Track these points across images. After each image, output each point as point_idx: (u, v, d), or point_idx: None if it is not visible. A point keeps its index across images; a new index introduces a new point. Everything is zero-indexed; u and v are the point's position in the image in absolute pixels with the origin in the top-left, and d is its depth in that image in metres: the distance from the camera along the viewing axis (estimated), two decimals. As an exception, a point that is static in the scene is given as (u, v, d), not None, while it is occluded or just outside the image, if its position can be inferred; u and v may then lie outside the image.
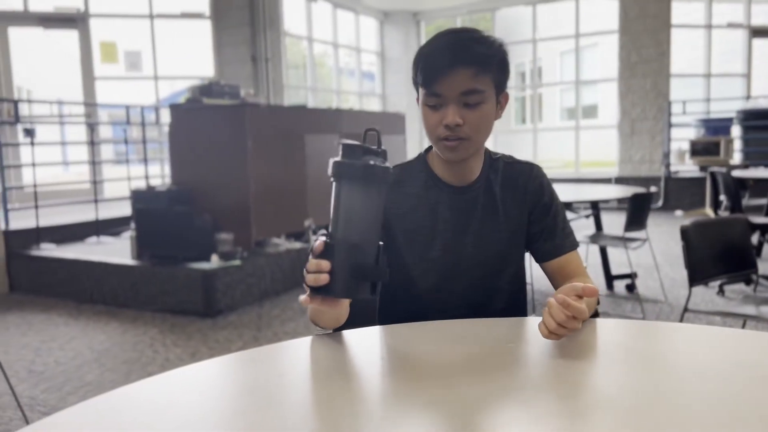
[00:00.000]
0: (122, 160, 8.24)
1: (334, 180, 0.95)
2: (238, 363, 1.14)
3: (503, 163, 1.42)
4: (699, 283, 2.60)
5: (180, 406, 0.94)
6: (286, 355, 1.19)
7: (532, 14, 10.88)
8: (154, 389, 1.01)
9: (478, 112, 1.26)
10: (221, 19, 8.61)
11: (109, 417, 0.91)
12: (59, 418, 0.90)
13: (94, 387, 3.11)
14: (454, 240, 1.37)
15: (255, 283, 4.70)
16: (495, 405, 0.91)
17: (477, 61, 1.24)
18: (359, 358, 1.16)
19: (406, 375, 1.03)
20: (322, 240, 0.97)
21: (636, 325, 1.40)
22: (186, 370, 1.08)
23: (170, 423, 0.88)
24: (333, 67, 11.03)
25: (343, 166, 0.93)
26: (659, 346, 1.17)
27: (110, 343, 3.83)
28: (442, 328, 1.26)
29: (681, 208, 8.83)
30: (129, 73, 8.66)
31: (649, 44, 9.34)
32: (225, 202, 4.87)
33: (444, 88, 1.24)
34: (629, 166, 9.64)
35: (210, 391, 1.02)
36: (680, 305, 4.17)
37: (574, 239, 1.40)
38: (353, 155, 0.94)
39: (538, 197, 1.40)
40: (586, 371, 1.04)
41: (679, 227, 2.58)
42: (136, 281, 4.63)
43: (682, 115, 9.39)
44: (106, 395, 0.96)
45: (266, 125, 5.01)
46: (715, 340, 1.17)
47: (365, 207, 0.95)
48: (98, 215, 6.09)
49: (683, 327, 1.30)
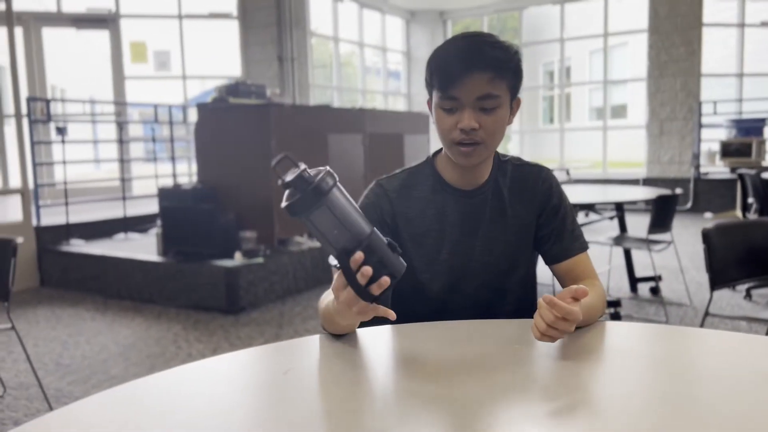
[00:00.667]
0: (151, 158, 8.39)
1: (303, 215, 0.97)
2: (253, 357, 1.17)
3: (512, 165, 1.42)
4: (721, 287, 2.56)
5: (196, 398, 0.96)
6: (297, 351, 1.21)
7: (560, 13, 10.78)
8: (171, 381, 1.04)
9: (494, 117, 1.26)
10: (248, 19, 8.71)
11: (127, 406, 0.94)
12: (81, 405, 0.94)
13: (119, 381, 3.18)
14: (463, 243, 1.38)
15: (277, 280, 4.75)
16: (500, 405, 0.92)
17: (494, 66, 1.24)
18: (369, 356, 1.17)
19: (413, 373, 1.04)
20: (359, 253, 0.97)
21: (648, 328, 1.39)
22: (205, 363, 1.11)
23: (184, 415, 0.90)
24: (359, 66, 11.07)
25: (299, 202, 0.95)
26: (672, 350, 1.16)
27: (135, 338, 3.91)
28: (450, 328, 1.27)
29: (711, 210, 8.67)
30: (158, 72, 8.79)
31: (679, 43, 9.19)
32: (249, 201, 4.92)
33: (460, 92, 1.24)
34: (657, 167, 9.49)
35: (223, 384, 1.04)
36: (704, 308, 4.10)
37: (584, 242, 1.39)
38: (298, 186, 0.95)
39: (547, 200, 1.40)
40: (593, 374, 1.04)
41: (701, 230, 2.54)
42: (161, 277, 4.72)
43: (713, 115, 9.21)
44: (125, 385, 1.00)
45: (290, 125, 5.06)
46: (733, 346, 1.16)
47: (346, 204, 0.98)
48: (126, 212, 6.21)
49: (698, 332, 1.29)
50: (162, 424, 0.88)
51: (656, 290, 4.47)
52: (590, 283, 1.33)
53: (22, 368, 3.38)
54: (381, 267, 0.98)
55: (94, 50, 10.79)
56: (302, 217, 0.96)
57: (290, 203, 0.95)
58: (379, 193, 1.39)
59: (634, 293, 4.58)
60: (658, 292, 4.44)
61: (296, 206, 0.95)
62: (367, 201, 1.40)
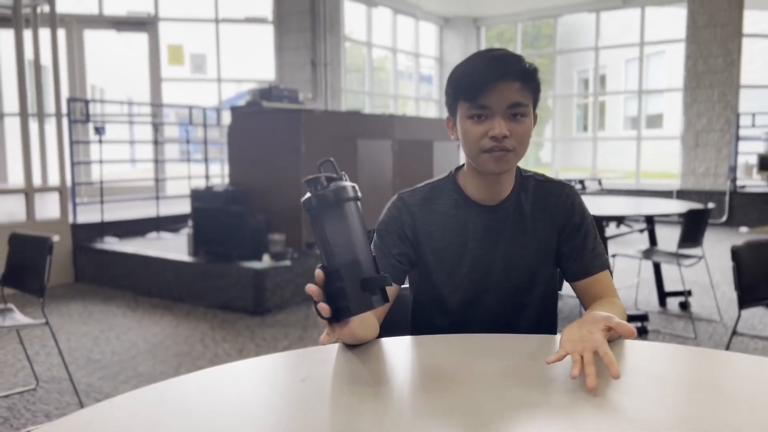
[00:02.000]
0: (185, 159, 8.55)
1: (313, 214, 0.99)
2: (277, 363, 1.19)
3: (534, 181, 1.43)
4: (751, 305, 2.52)
5: (218, 402, 0.99)
6: (317, 358, 1.23)
7: (596, 21, 10.68)
8: (196, 383, 1.07)
9: (523, 125, 1.29)
10: (283, 24, 8.82)
11: (153, 407, 0.98)
12: (110, 404, 0.98)
13: (146, 378, 3.25)
14: (484, 258, 1.39)
15: (303, 283, 4.79)
16: (514, 421, 0.93)
17: (522, 76, 1.27)
18: (386, 366, 1.19)
19: (429, 385, 1.06)
20: (318, 270, 1.00)
21: (667, 349, 1.38)
22: (229, 368, 1.14)
23: (207, 418, 0.93)
24: (391, 71, 11.11)
25: (317, 199, 0.98)
26: (693, 373, 1.15)
27: (163, 335, 3.99)
28: (468, 342, 1.28)
29: (747, 224, 8.49)
30: (194, 75, 8.96)
31: (717, 53, 9.02)
32: (278, 204, 4.99)
33: (491, 100, 1.26)
34: (692, 179, 9.33)
35: (246, 389, 1.07)
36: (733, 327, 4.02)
37: (605, 260, 1.39)
38: (319, 186, 0.98)
39: (569, 217, 1.40)
40: (610, 394, 1.04)
41: (730, 247, 2.51)
42: (191, 277, 4.80)
43: (751, 127, 9.03)
44: (153, 386, 1.04)
45: (320, 130, 5.11)
46: (760, 371, 1.15)
47: (351, 225, 0.99)
48: (159, 212, 6.33)
49: (723, 354, 1.27)
50: (185, 427, 0.91)
51: (686, 305, 4.40)
52: (610, 301, 1.33)
53: (55, 362, 3.48)
54: (341, 296, 0.99)
55: (133, 52, 11.05)
56: (321, 212, 0.99)
57: (317, 194, 0.99)
58: (401, 207, 1.41)
59: (663, 308, 4.51)
60: (687, 307, 4.37)
61: (306, 204, 1.00)
62: (389, 215, 1.42)
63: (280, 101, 5.35)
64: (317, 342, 3.86)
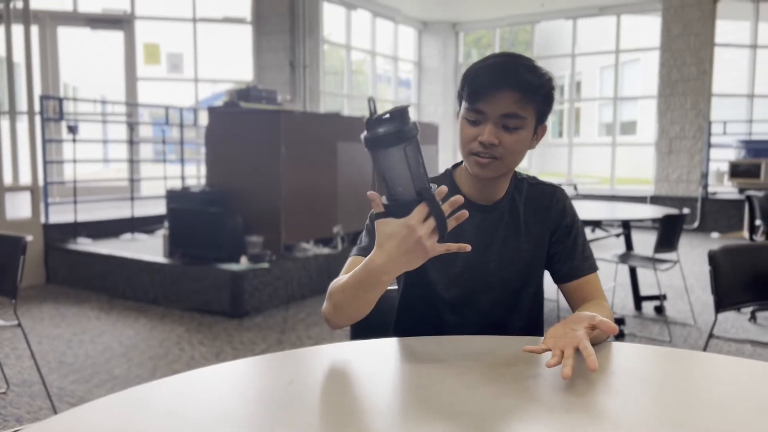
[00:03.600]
0: (159, 159, 8.44)
1: (399, 146, 0.99)
2: (259, 366, 1.17)
3: (527, 183, 1.44)
4: (726, 309, 2.55)
5: (198, 406, 0.97)
6: (301, 361, 1.22)
7: (573, 28, 10.81)
8: (174, 387, 1.04)
9: (515, 137, 1.28)
10: (262, 25, 8.77)
11: (130, 412, 0.95)
12: (85, 409, 0.95)
13: (121, 381, 3.19)
14: (477, 257, 1.38)
15: (282, 286, 4.76)
16: (503, 421, 0.92)
17: (523, 87, 1.25)
18: (375, 368, 1.18)
19: (418, 387, 1.05)
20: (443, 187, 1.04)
21: (653, 351, 1.39)
22: (208, 371, 1.12)
23: (186, 423, 0.91)
24: (370, 74, 11.11)
25: (398, 134, 0.97)
26: (676, 374, 1.16)
27: (138, 338, 3.92)
28: (458, 343, 1.27)
29: (718, 230, 8.65)
30: (170, 74, 8.85)
31: (690, 62, 9.19)
32: (256, 205, 4.94)
33: (486, 106, 1.26)
34: (666, 185, 9.48)
35: (228, 393, 1.05)
36: (708, 330, 4.09)
37: (594, 262, 1.40)
38: (397, 119, 0.98)
39: (561, 219, 1.41)
40: (596, 395, 1.05)
41: (707, 251, 2.54)
42: (167, 279, 4.73)
43: (723, 135, 9.21)
44: (129, 390, 1.01)
45: (300, 131, 5.08)
46: (736, 372, 1.16)
47: (418, 157, 1.01)
48: (134, 213, 6.23)
49: (703, 356, 1.29)
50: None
51: (661, 309, 4.46)
52: (598, 303, 1.33)
53: (26, 365, 3.39)
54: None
55: (108, 50, 10.88)
56: (394, 150, 0.98)
57: (393, 130, 0.97)
58: None
59: (639, 311, 4.57)
60: (662, 311, 4.43)
61: (391, 137, 0.97)
62: None
63: (258, 102, 5.30)
64: (296, 345, 3.84)
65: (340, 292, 1.19)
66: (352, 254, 1.38)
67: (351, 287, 1.16)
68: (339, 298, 1.20)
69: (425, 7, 11.00)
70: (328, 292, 1.26)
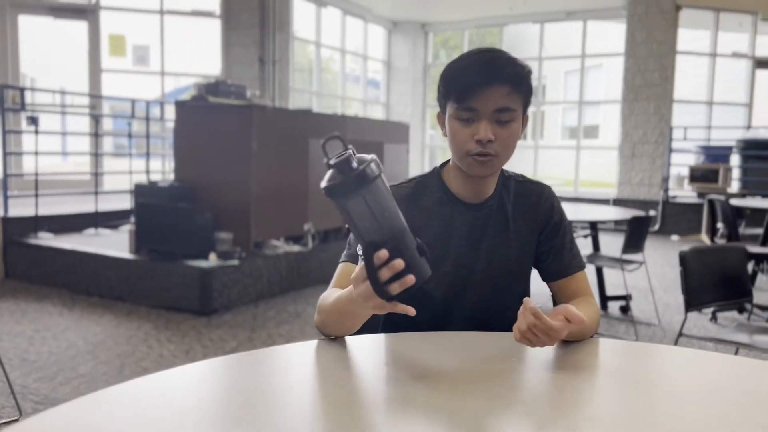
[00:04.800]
0: (121, 153, 8.27)
1: (340, 200, 0.96)
2: (237, 365, 1.14)
3: (515, 181, 1.44)
4: (695, 308, 2.62)
5: (174, 407, 0.95)
6: (287, 358, 1.20)
7: (540, 32, 10.96)
8: (148, 387, 1.01)
9: (509, 130, 1.29)
10: (231, 20, 8.65)
11: (101, 414, 0.91)
12: (53, 413, 0.90)
13: (88, 379, 3.11)
14: (467, 255, 1.39)
15: (251, 284, 4.70)
16: (484, 416, 0.93)
17: (511, 80, 1.27)
18: (364, 364, 1.17)
19: (406, 382, 1.05)
20: (383, 251, 0.96)
21: (640, 347, 1.42)
22: (186, 369, 1.09)
23: (162, 423, 0.88)
24: (339, 72, 11.08)
25: (357, 177, 0.93)
26: (659, 368, 1.19)
27: (104, 335, 3.83)
28: (446, 339, 1.28)
29: (678, 232, 8.88)
30: (136, 67, 8.66)
31: (654, 69, 9.41)
32: (226, 202, 4.88)
33: (479, 103, 1.26)
34: (628, 188, 9.69)
35: (208, 392, 1.03)
36: (673, 329, 4.20)
37: (581, 260, 1.42)
38: (343, 170, 0.94)
39: (549, 217, 1.42)
40: (580, 390, 1.06)
41: (678, 252, 2.61)
42: (133, 275, 4.63)
43: (683, 140, 9.46)
44: (99, 392, 0.96)
45: (272, 127, 5.03)
46: (709, 364, 1.19)
47: (385, 198, 0.97)
48: (97, 207, 6.09)
49: (683, 350, 1.32)
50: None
51: (626, 309, 4.56)
52: (586, 300, 1.35)
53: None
54: (405, 268, 0.97)
55: (70, 41, 10.60)
56: (338, 202, 0.96)
57: (329, 185, 0.95)
58: None
59: (605, 311, 4.66)
60: (627, 311, 4.53)
61: (335, 189, 0.94)
62: None
63: (227, 97, 5.23)
64: (267, 343, 3.80)
65: (327, 313, 1.23)
66: (341, 260, 1.37)
67: (335, 312, 1.19)
68: (326, 317, 1.23)
69: (395, 7, 11.02)
70: (318, 306, 1.28)
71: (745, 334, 2.80)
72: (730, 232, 4.73)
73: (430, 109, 12.39)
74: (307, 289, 5.19)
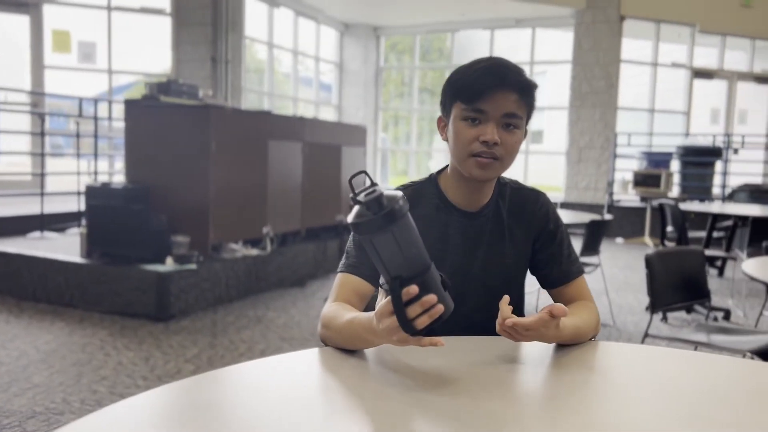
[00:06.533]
0: (59, 154, 7.95)
1: (369, 235, 0.95)
2: (239, 375, 1.12)
3: (510, 188, 1.45)
4: (660, 309, 2.71)
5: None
6: (289, 366, 1.18)
7: (490, 38, 11.15)
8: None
9: (514, 136, 1.31)
10: (182, 17, 8.45)
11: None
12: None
13: (44, 389, 2.97)
14: (463, 263, 1.39)
15: (209, 288, 4.60)
16: (483, 420, 0.94)
17: (520, 88, 1.29)
18: (364, 371, 1.16)
19: (410, 388, 1.04)
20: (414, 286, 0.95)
21: (645, 350, 1.45)
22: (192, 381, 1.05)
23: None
24: (290, 74, 10.97)
25: (368, 224, 0.94)
26: (668, 372, 1.22)
27: (57, 343, 3.67)
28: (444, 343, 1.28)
29: (622, 235, 9.17)
30: (81, 64, 8.34)
31: (600, 76, 9.72)
32: (183, 204, 4.75)
33: (489, 105, 1.27)
34: (575, 192, 9.96)
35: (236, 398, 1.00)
36: (628, 330, 4.34)
37: (580, 265, 1.44)
38: (371, 207, 0.94)
39: (544, 224, 1.44)
40: (581, 395, 1.08)
41: (624, 255, 2.70)
42: (84, 280, 4.46)
43: (627, 146, 9.79)
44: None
45: (230, 128, 4.94)
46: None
47: (413, 234, 0.98)
48: (43, 209, 5.83)
49: (672, 351, 1.36)
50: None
51: (582, 310, 4.67)
52: (585, 304, 1.37)
53: (-70, 374, 3.09)
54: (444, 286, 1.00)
55: (11, 35, 10.13)
56: (365, 237, 0.96)
57: (358, 222, 0.94)
58: None
59: (561, 312, 4.76)
60: (583, 312, 4.64)
61: (363, 227, 0.94)
62: None
63: (179, 97, 5.10)
64: (229, 349, 3.72)
65: (337, 332, 1.21)
66: (339, 270, 1.36)
67: (347, 335, 1.18)
68: (335, 336, 1.22)
69: (347, 9, 11.00)
70: (323, 320, 1.26)
71: (703, 333, 2.91)
72: (679, 236, 4.92)
73: (383, 112, 12.43)
74: (266, 293, 5.12)
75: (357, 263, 1.33)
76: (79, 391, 2.97)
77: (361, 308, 1.33)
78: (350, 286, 1.32)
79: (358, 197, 0.95)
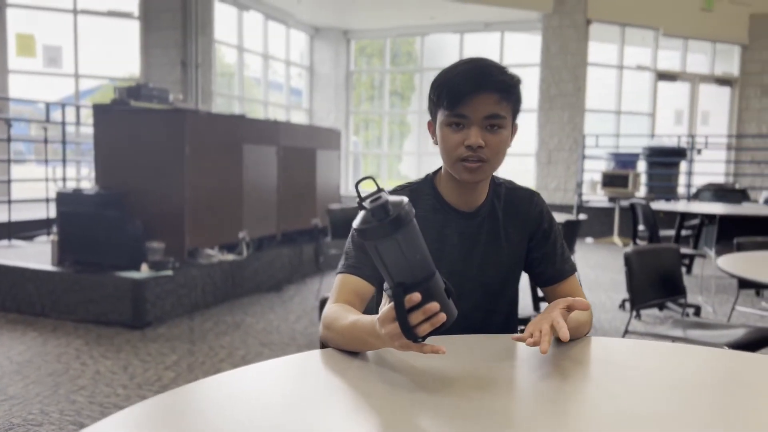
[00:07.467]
0: (21, 160, 7.76)
1: (374, 241, 0.95)
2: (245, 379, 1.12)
3: (505, 188, 1.47)
4: (639, 306, 2.78)
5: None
6: (292, 368, 1.18)
7: (460, 42, 11.25)
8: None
9: (498, 137, 1.32)
10: (151, 21, 8.34)
11: None
12: None
13: (20, 401, 2.90)
14: (460, 263, 1.41)
15: (186, 294, 4.55)
16: (483, 419, 0.95)
17: (501, 88, 1.30)
18: (366, 370, 1.16)
19: (410, 388, 1.05)
20: (417, 294, 0.96)
21: (621, 342, 1.48)
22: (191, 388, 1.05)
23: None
24: (260, 78, 10.91)
25: (373, 230, 0.94)
26: (667, 365, 1.25)
27: (31, 353, 3.59)
28: (441, 343, 1.29)
29: (591, 235, 9.33)
30: (47, 68, 8.16)
31: (567, 79, 9.88)
32: (157, 209, 4.69)
33: (469, 110, 1.29)
34: (545, 194, 10.09)
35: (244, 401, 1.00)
36: (603, 328, 4.42)
37: (573, 263, 1.47)
38: (376, 214, 0.95)
39: (539, 224, 1.46)
40: (568, 385, 1.11)
41: (623, 254, 2.76)
42: (57, 289, 4.36)
43: (595, 148, 9.97)
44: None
45: (204, 133, 4.89)
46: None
47: (418, 241, 0.98)
48: (10, 217, 5.69)
49: (659, 344, 1.40)
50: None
51: (558, 309, 4.74)
52: (579, 301, 1.40)
53: None
54: (448, 294, 1.00)
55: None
56: (370, 243, 0.96)
57: (363, 228, 0.94)
58: None
59: (537, 311, 4.82)
60: (559, 311, 4.71)
61: (368, 232, 0.94)
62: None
63: (149, 101, 5.04)
64: (209, 355, 3.68)
65: (339, 334, 1.22)
66: (338, 271, 1.37)
67: (349, 337, 1.19)
68: (336, 337, 1.23)
69: (317, 13, 10.99)
70: (324, 321, 1.27)
71: (679, 329, 2.98)
72: (651, 234, 5.03)
73: (354, 116, 12.43)
74: (243, 299, 5.08)
75: (357, 264, 1.34)
76: (57, 402, 2.90)
77: (362, 309, 1.33)
78: (350, 287, 1.33)
79: (364, 203, 0.96)
